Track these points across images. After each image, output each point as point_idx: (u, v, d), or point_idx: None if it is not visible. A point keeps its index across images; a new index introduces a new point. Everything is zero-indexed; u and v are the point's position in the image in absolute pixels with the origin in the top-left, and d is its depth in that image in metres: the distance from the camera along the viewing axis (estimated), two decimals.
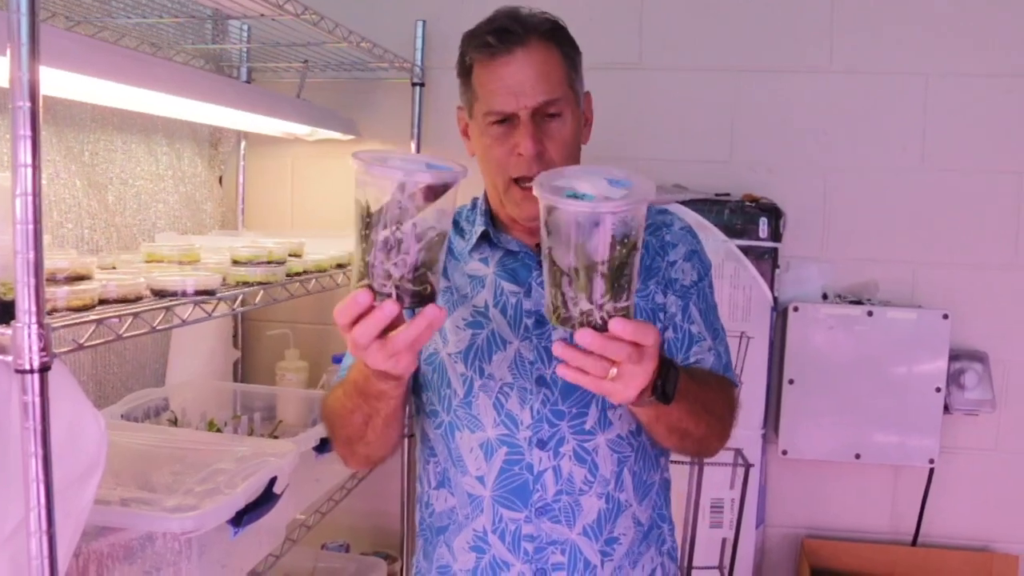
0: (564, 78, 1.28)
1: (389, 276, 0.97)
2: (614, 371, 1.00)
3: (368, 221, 0.97)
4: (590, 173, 1.01)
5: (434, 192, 0.96)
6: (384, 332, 1.00)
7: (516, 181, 1.27)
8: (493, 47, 1.25)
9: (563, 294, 0.98)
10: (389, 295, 0.98)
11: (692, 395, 1.14)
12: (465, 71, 1.31)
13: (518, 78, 1.24)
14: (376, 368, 1.06)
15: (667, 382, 1.07)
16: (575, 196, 0.96)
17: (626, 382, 1.01)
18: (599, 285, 0.96)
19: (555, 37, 1.28)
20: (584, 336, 0.97)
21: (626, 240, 0.95)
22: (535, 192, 0.98)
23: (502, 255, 1.34)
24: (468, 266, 1.35)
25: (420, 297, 0.99)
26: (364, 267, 0.99)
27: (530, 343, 1.29)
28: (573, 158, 1.30)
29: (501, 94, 1.25)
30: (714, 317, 1.37)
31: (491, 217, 1.38)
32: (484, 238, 1.36)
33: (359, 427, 1.24)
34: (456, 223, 1.40)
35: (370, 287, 0.98)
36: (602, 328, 0.97)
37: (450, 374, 1.31)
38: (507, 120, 1.26)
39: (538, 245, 1.32)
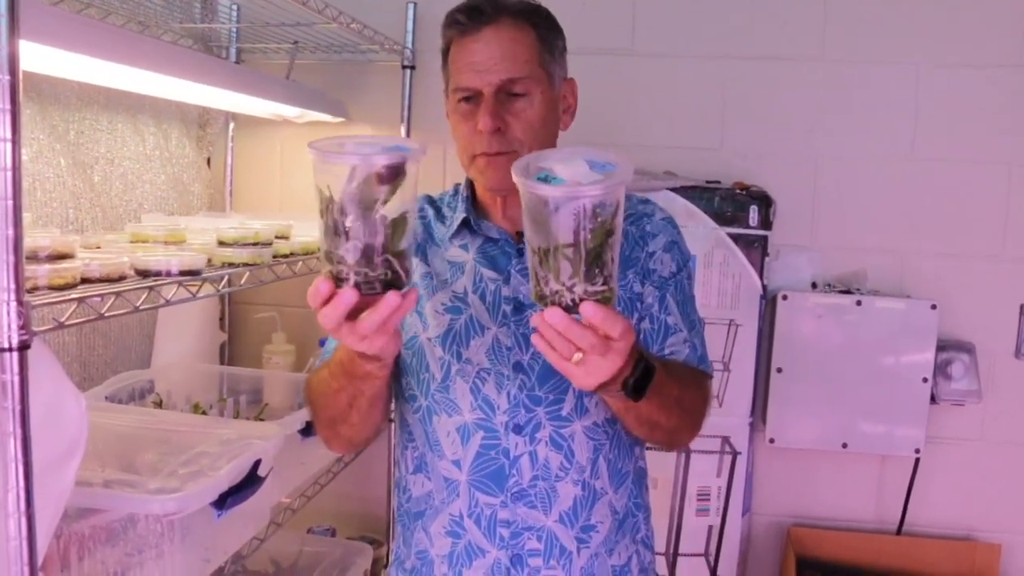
0: (534, 58, 1.28)
1: (344, 262, 0.97)
2: (579, 356, 1.01)
3: (323, 207, 0.97)
4: (574, 155, 1.01)
5: (390, 174, 0.95)
6: (356, 313, 1.00)
7: (482, 155, 1.27)
8: (463, 24, 1.27)
9: (535, 271, 0.99)
10: (346, 280, 0.97)
11: (665, 392, 1.15)
12: (444, 52, 1.33)
13: (484, 55, 1.26)
14: (353, 348, 1.07)
15: (639, 380, 1.07)
16: (546, 179, 0.97)
17: (588, 370, 1.02)
18: (565, 267, 0.96)
19: (529, 18, 1.29)
20: (552, 315, 0.98)
21: (597, 224, 0.95)
22: (512, 175, 0.99)
23: (482, 242, 1.35)
24: (448, 252, 1.36)
25: (381, 283, 0.98)
26: (324, 255, 0.99)
27: (508, 329, 1.29)
28: (541, 140, 1.29)
29: (467, 71, 1.27)
30: (691, 309, 1.37)
31: (472, 203, 1.38)
32: (465, 225, 1.36)
33: (343, 408, 1.24)
34: (438, 209, 1.41)
35: (331, 273, 0.98)
36: (573, 309, 0.98)
37: (428, 358, 1.31)
38: (473, 98, 1.27)
39: (519, 232, 1.32)
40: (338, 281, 0.98)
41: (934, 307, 2.34)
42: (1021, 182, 2.41)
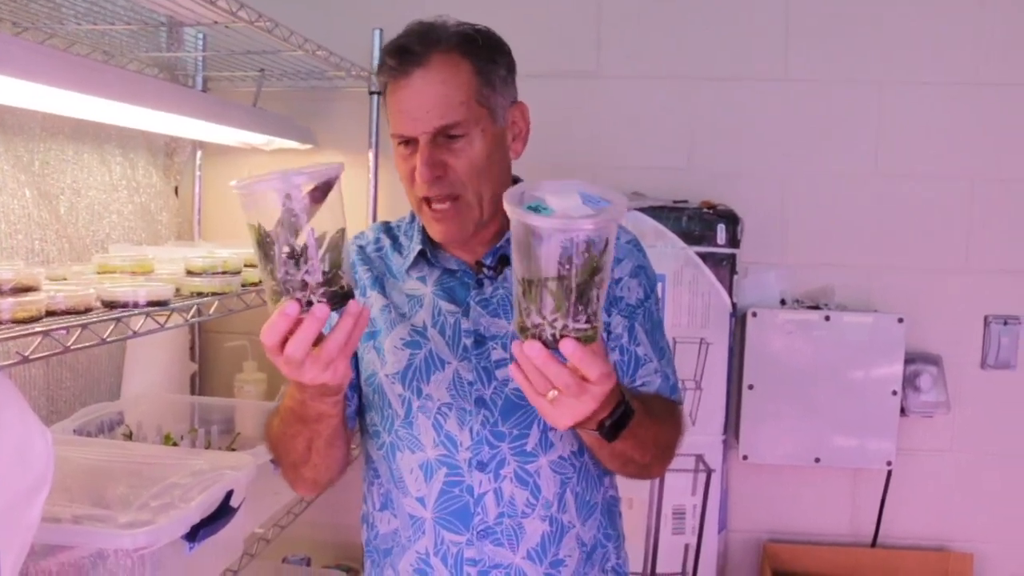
0: (470, 96, 1.22)
1: (306, 286, 0.97)
2: (553, 394, 0.98)
3: (267, 240, 0.97)
4: (568, 187, 0.99)
5: (320, 192, 0.97)
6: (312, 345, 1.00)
7: (426, 201, 1.25)
8: (393, 69, 1.23)
9: (519, 302, 0.97)
10: (311, 303, 0.98)
11: (642, 432, 1.12)
12: (382, 93, 1.30)
13: (415, 102, 1.21)
14: (314, 383, 1.04)
15: (617, 423, 1.05)
16: (537, 209, 0.95)
17: (561, 411, 0.99)
18: (547, 301, 0.94)
19: (464, 50, 1.23)
20: (530, 348, 0.95)
21: (583, 260, 0.93)
22: (504, 203, 0.96)
23: (440, 273, 1.32)
24: (406, 285, 1.33)
25: (340, 297, 1.00)
26: (278, 285, 0.98)
27: (469, 363, 1.27)
28: (487, 176, 1.25)
29: (400, 118, 1.23)
30: (660, 336, 1.35)
31: (428, 233, 1.34)
32: (422, 256, 1.33)
33: (302, 452, 1.23)
34: (394, 239, 1.38)
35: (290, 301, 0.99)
36: (552, 345, 0.96)
37: (389, 395, 1.29)
38: (411, 141, 1.24)
39: (478, 262, 1.31)
40: (301, 307, 0.98)
41: (901, 321, 2.37)
42: (983, 196, 2.45)
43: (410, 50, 1.22)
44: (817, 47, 2.47)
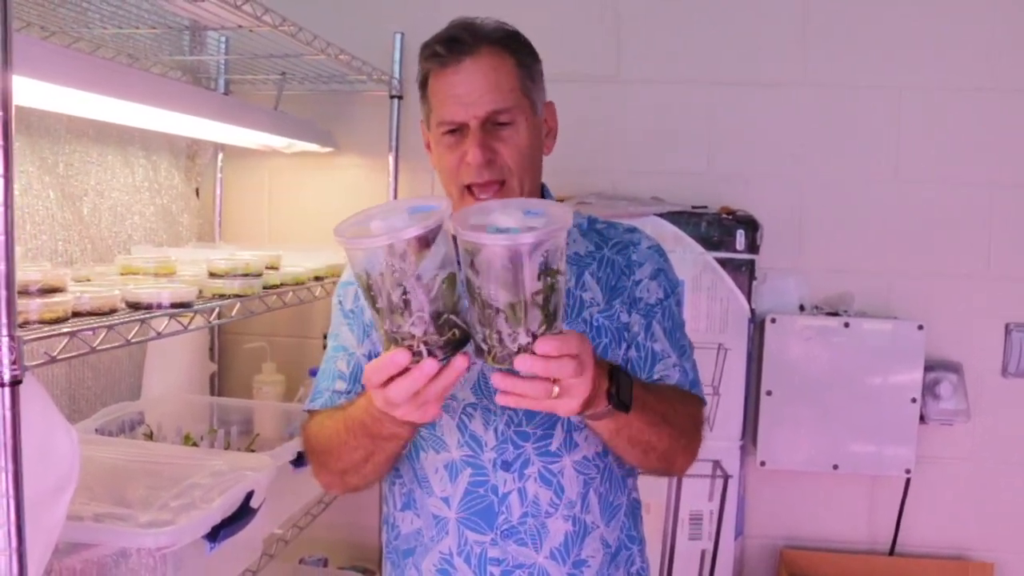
0: (516, 86, 1.27)
1: (413, 336, 0.96)
2: (556, 389, 0.99)
3: (372, 293, 0.95)
4: (505, 206, 1.00)
5: (426, 239, 0.93)
6: None
7: (469, 188, 1.27)
8: (443, 57, 1.26)
9: (499, 332, 0.96)
10: (421, 353, 0.96)
11: (651, 405, 1.14)
12: (422, 83, 1.32)
13: (467, 87, 1.25)
14: (405, 419, 1.05)
15: (620, 388, 1.06)
16: (498, 231, 0.95)
17: (571, 394, 1.01)
18: (535, 316, 0.94)
19: (508, 45, 1.28)
20: (524, 362, 0.96)
21: (553, 268, 0.94)
22: (455, 233, 0.95)
23: None
24: None
25: (451, 345, 0.98)
26: (387, 335, 0.97)
27: None
28: (530, 165, 1.29)
29: (451, 104, 1.25)
30: (681, 335, 1.36)
31: None
32: None
33: (358, 462, 1.22)
34: None
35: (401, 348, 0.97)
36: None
37: None
38: (458, 129, 1.26)
39: None
40: (413, 355, 0.97)
41: (921, 328, 2.36)
42: (1002, 202, 2.44)
43: (461, 40, 1.25)
44: (836, 52, 2.46)
